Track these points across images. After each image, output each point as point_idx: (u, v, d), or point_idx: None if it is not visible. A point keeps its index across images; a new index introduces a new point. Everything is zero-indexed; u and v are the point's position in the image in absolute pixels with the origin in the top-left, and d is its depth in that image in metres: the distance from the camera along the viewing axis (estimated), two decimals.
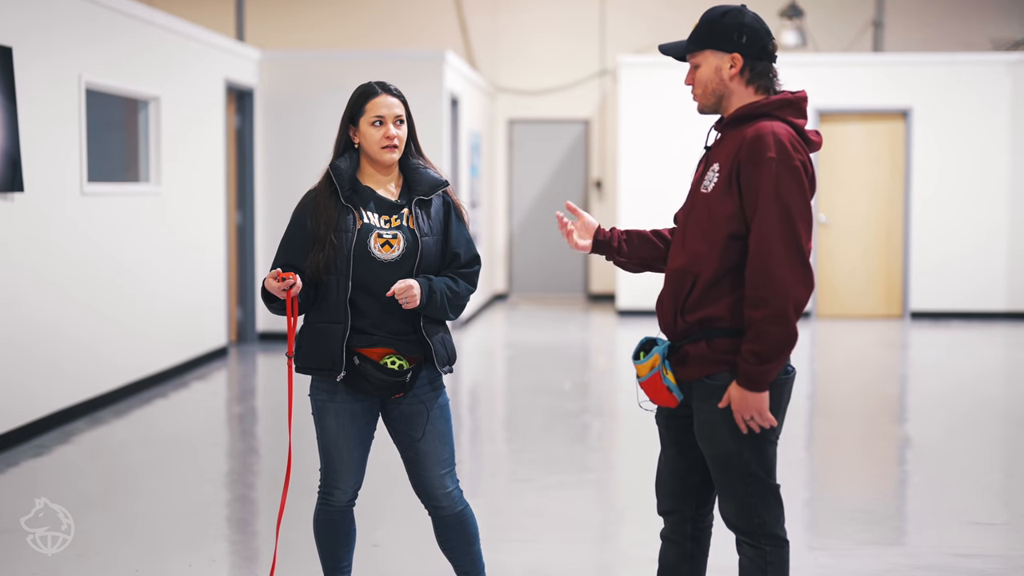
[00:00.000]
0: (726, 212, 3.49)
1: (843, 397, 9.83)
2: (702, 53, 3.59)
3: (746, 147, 3.46)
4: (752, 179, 3.44)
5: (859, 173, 14.50)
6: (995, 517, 6.21)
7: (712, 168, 3.58)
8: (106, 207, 8.98)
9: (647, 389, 3.65)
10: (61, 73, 8.27)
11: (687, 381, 3.61)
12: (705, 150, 3.72)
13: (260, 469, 7.34)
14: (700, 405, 3.59)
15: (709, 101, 3.62)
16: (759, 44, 3.56)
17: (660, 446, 3.83)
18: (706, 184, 3.58)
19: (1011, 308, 14.33)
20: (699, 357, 3.56)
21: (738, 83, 3.58)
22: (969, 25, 16.20)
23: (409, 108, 4.11)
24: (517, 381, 10.86)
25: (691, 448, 3.72)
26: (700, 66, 3.60)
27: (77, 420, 8.41)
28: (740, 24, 3.55)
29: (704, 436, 3.59)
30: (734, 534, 3.66)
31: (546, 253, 16.93)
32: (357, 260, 3.96)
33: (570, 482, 6.92)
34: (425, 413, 4.06)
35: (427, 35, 16.57)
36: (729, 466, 3.56)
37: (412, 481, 4.15)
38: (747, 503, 3.56)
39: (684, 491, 3.76)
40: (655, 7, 16.45)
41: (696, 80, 3.62)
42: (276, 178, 12.24)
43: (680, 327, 3.60)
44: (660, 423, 3.80)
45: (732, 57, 3.55)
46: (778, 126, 3.50)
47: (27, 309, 7.83)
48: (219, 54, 11.29)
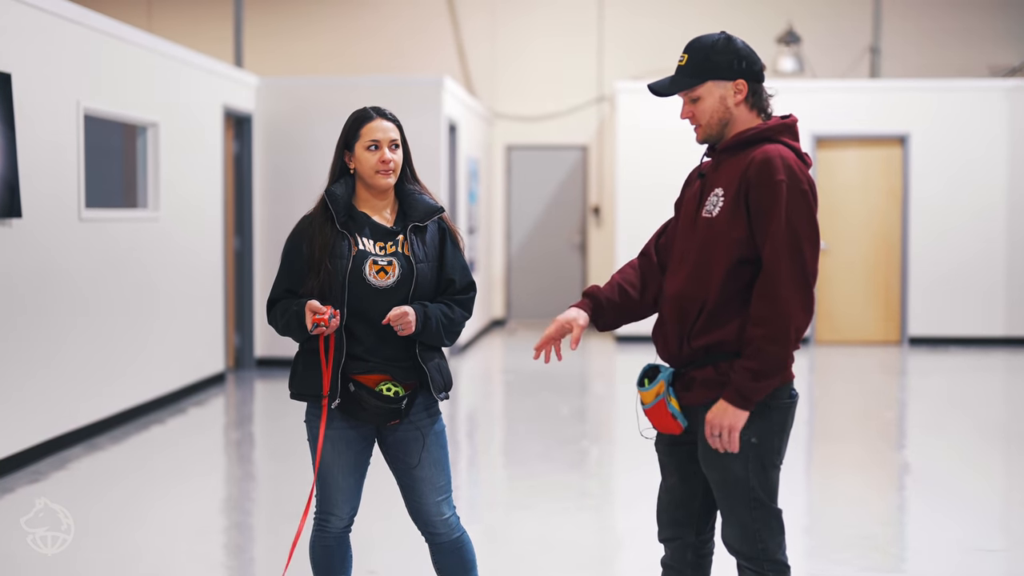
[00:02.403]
0: (735, 236, 3.48)
1: (842, 422, 9.81)
2: (703, 86, 3.56)
3: (755, 170, 3.45)
4: (762, 202, 3.44)
5: (857, 199, 14.52)
6: (994, 543, 6.19)
7: (714, 193, 3.57)
8: (104, 233, 8.98)
9: (652, 416, 3.62)
10: (60, 99, 8.29)
11: (692, 407, 3.60)
12: (700, 176, 3.69)
13: (258, 496, 7.32)
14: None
15: (715, 131, 3.59)
16: (756, 67, 3.57)
17: (661, 474, 3.81)
18: (709, 209, 3.56)
19: (1009, 334, 14.33)
20: (705, 382, 3.55)
21: (743, 108, 3.57)
22: (967, 51, 16.26)
23: (404, 133, 4.11)
24: (515, 407, 10.84)
25: (694, 475, 3.70)
26: (702, 98, 3.57)
27: (74, 446, 8.39)
28: (736, 50, 3.54)
29: (710, 461, 3.58)
30: (736, 559, 3.64)
31: (544, 279, 16.93)
32: (352, 287, 3.95)
33: (569, 508, 6.89)
34: (421, 440, 4.03)
35: (425, 61, 16.61)
36: (735, 492, 3.55)
37: (409, 508, 4.13)
38: (751, 528, 3.54)
39: (686, 518, 3.74)
40: (653, 33, 16.50)
41: (700, 112, 3.59)
42: (274, 204, 12.25)
43: (685, 353, 3.59)
44: (661, 451, 3.77)
45: (737, 84, 3.55)
46: (783, 150, 3.50)
47: (24, 334, 7.81)
48: (217, 80, 11.31)
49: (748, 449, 3.51)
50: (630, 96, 14.77)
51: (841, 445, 8.88)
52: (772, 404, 3.53)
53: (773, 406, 3.53)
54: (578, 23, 16.67)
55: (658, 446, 3.79)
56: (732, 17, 16.38)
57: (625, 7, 16.62)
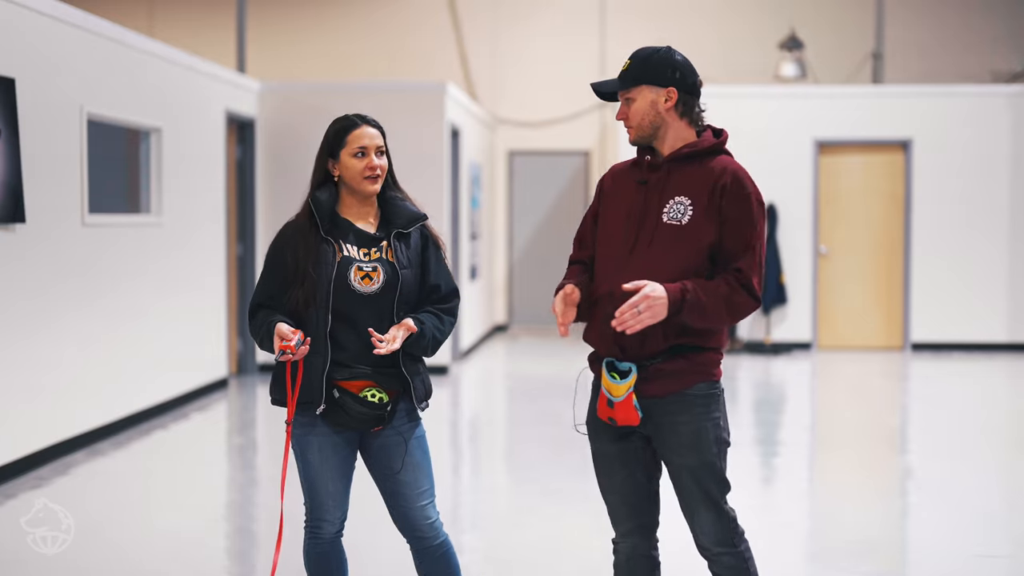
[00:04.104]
0: (707, 241, 3.71)
1: (844, 428, 9.81)
2: (637, 88, 3.80)
3: (729, 183, 3.72)
4: (736, 212, 3.71)
5: (859, 204, 14.52)
6: (998, 549, 6.19)
7: (676, 200, 3.76)
8: (107, 238, 8.99)
9: (620, 409, 3.74)
10: (63, 104, 8.30)
11: (651, 398, 3.74)
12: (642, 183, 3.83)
13: (260, 501, 7.31)
14: (680, 418, 3.73)
15: (646, 132, 3.82)
16: (690, 80, 3.80)
17: (603, 466, 3.89)
18: (676, 217, 3.74)
19: (1012, 340, 14.32)
20: (677, 372, 3.73)
21: (673, 116, 3.80)
22: (968, 57, 16.27)
23: (386, 140, 4.14)
24: (518, 412, 10.84)
25: (638, 464, 3.84)
26: (635, 100, 3.81)
27: (76, 452, 8.39)
28: (673, 61, 3.79)
29: (688, 447, 3.74)
30: (711, 552, 3.78)
31: (546, 284, 16.92)
32: (337, 293, 3.97)
33: (572, 513, 6.89)
34: (403, 445, 4.06)
35: (428, 67, 16.63)
36: (711, 473, 3.74)
37: (394, 515, 4.13)
38: (722, 509, 3.76)
39: (640, 504, 3.88)
40: (655, 39, 16.49)
41: (632, 113, 3.83)
42: (276, 209, 12.24)
43: (650, 347, 3.72)
44: (604, 444, 3.86)
45: (668, 91, 3.78)
46: (738, 163, 3.80)
47: (27, 340, 7.82)
48: (220, 85, 11.32)
49: (717, 429, 3.75)
50: None
51: (843, 450, 8.87)
52: (719, 391, 3.79)
53: (718, 393, 3.78)
54: (580, 29, 16.69)
55: (599, 441, 3.88)
56: (734, 23, 16.40)
57: (627, 13, 16.64)
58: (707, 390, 3.75)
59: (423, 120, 12.23)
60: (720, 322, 3.69)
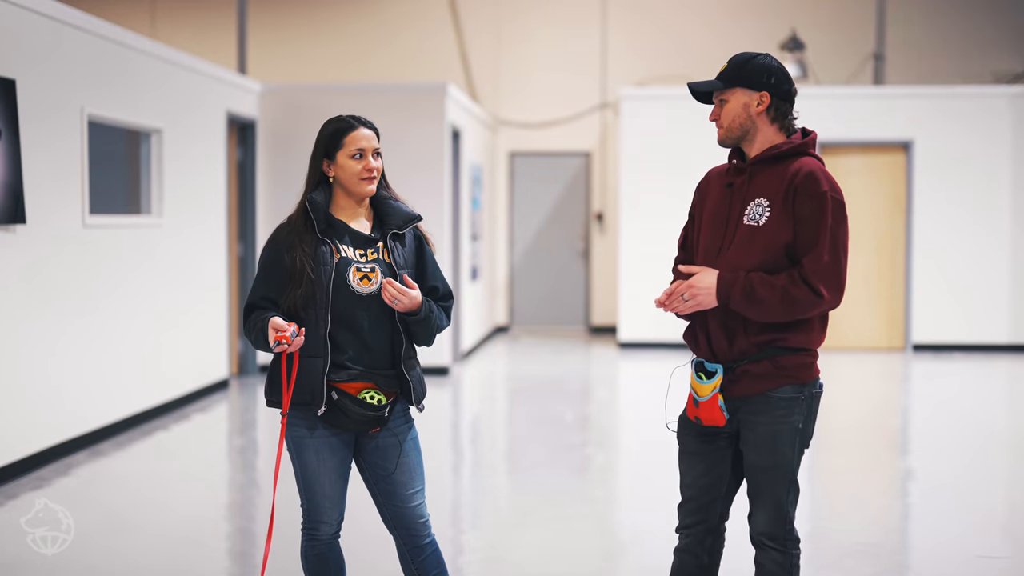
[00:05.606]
0: (783, 241, 3.79)
1: (845, 429, 9.80)
2: (731, 90, 3.91)
3: (801, 182, 3.79)
4: (807, 211, 3.77)
5: (860, 205, 14.51)
6: (999, 551, 6.19)
7: (756, 203, 3.84)
8: (108, 239, 8.99)
9: (705, 409, 3.86)
10: (64, 105, 8.30)
11: (736, 399, 3.85)
12: (728, 186, 3.94)
13: (261, 502, 7.31)
14: (759, 419, 3.83)
15: (735, 134, 3.92)
16: (784, 87, 3.91)
17: (683, 465, 4.01)
18: (753, 218, 3.84)
19: (1013, 341, 14.31)
20: (762, 375, 3.82)
21: (763, 120, 3.90)
22: (970, 58, 16.26)
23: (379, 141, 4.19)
24: (519, 413, 10.84)
25: (722, 463, 3.95)
26: (728, 101, 3.91)
27: (77, 452, 8.39)
28: (769, 66, 3.90)
29: (765, 447, 3.83)
30: (761, 542, 3.86)
31: (547, 286, 16.93)
32: (336, 294, 3.97)
33: (572, 514, 6.89)
34: (399, 446, 4.07)
35: (428, 67, 16.63)
36: (782, 475, 3.83)
37: (386, 513, 4.14)
38: (785, 510, 3.84)
39: (712, 504, 3.98)
40: (657, 40, 16.52)
41: (724, 114, 3.93)
42: (277, 210, 12.24)
43: (737, 349, 3.83)
44: (690, 442, 3.99)
45: (761, 95, 3.89)
46: (818, 163, 3.87)
47: (28, 340, 7.82)
48: (221, 86, 11.33)
49: (795, 434, 3.82)
50: (633, 103, 14.77)
51: (845, 451, 8.87)
52: (814, 392, 3.85)
53: (814, 394, 3.85)
54: (581, 30, 16.68)
55: (686, 437, 4.01)
56: (736, 24, 16.39)
57: (628, 14, 16.63)
58: (792, 393, 3.81)
59: (424, 121, 12.24)
60: (775, 315, 3.74)
